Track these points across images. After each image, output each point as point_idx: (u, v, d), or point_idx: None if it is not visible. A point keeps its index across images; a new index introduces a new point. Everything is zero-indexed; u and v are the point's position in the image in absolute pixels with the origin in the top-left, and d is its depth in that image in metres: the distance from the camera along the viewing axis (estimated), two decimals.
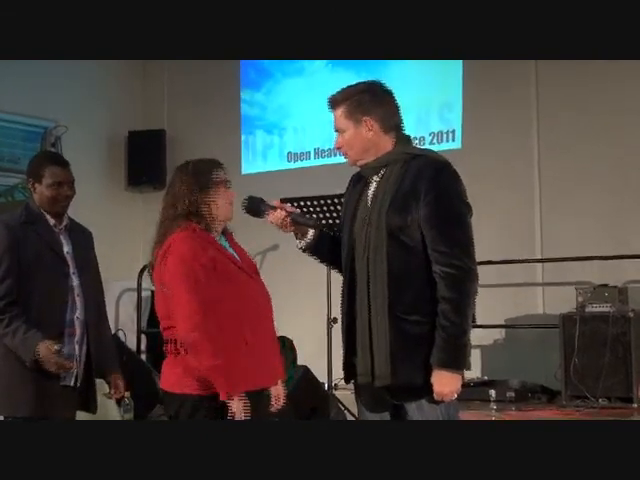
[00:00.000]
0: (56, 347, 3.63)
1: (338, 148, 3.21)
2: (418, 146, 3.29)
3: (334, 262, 3.39)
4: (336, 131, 3.19)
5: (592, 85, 6.67)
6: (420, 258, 3.00)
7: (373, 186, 3.16)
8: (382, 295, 3.02)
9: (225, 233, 3.49)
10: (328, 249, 3.34)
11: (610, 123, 6.60)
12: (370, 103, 3.13)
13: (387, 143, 3.14)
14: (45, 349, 3.64)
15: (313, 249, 3.31)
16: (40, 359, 3.65)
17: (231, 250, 3.44)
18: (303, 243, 3.29)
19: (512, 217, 6.92)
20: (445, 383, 2.95)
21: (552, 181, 6.85)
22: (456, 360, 2.97)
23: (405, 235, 3.01)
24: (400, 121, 3.20)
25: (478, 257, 3.05)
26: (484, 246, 3.10)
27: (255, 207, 3.31)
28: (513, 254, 6.60)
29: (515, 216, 6.93)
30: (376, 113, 3.12)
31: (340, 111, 3.15)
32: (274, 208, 3.25)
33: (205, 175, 3.37)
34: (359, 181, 3.24)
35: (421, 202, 2.99)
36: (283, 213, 3.23)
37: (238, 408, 3.13)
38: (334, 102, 3.18)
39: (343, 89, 3.19)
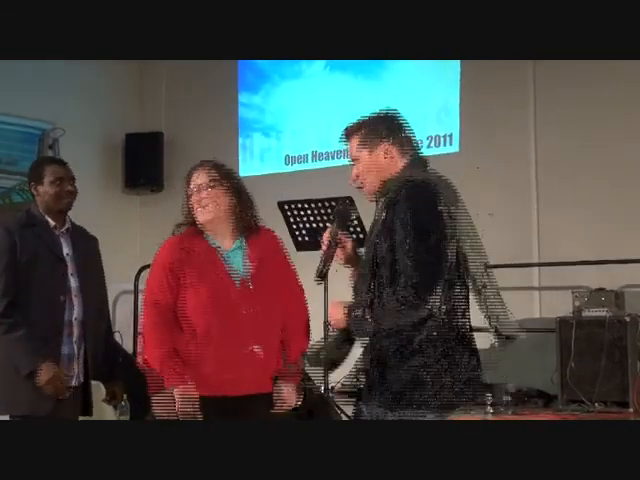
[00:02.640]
0: (55, 369, 3.68)
1: (354, 180, 3.19)
2: (426, 169, 3.26)
3: None
4: (351, 161, 3.17)
5: (592, 89, 6.67)
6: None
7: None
8: None
9: (249, 234, 3.48)
10: None
11: (609, 128, 6.60)
12: (386, 130, 3.13)
13: (398, 169, 3.14)
14: (50, 371, 3.68)
15: None
16: (42, 377, 3.68)
17: (231, 255, 3.42)
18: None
19: (509, 221, 6.92)
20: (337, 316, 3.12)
21: (549, 185, 6.86)
22: (355, 322, 3.05)
23: (392, 260, 3.05)
24: (416, 147, 3.21)
25: None
26: None
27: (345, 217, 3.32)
28: (510, 258, 6.60)
29: (512, 220, 6.93)
30: (391, 140, 3.13)
31: (355, 140, 3.15)
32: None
33: (185, 186, 3.44)
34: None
35: (393, 231, 3.04)
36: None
37: (182, 395, 3.26)
38: (349, 132, 3.18)
39: (358, 120, 3.21)
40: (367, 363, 3.14)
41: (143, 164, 8.70)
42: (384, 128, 3.12)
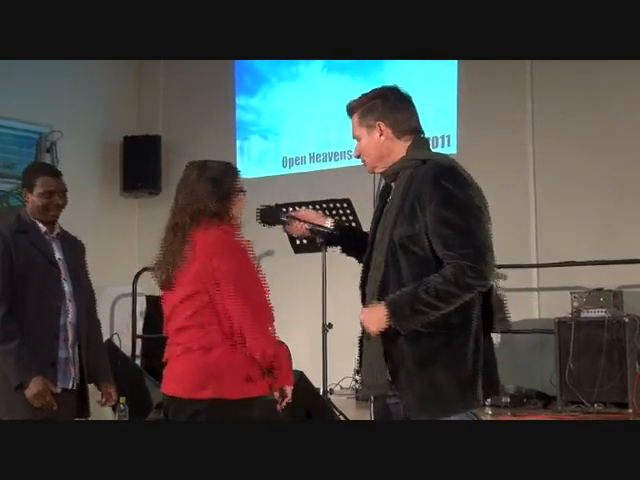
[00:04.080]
0: (43, 384, 3.68)
1: (357, 157, 3.18)
2: (431, 150, 3.24)
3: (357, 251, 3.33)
4: (354, 139, 3.16)
5: (588, 90, 6.68)
6: (431, 266, 2.94)
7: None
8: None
9: None
10: (351, 242, 3.34)
11: (606, 128, 6.61)
12: (382, 108, 3.08)
13: (402, 148, 3.09)
14: (38, 385, 3.67)
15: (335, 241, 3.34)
16: (30, 391, 3.68)
17: None
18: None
19: (508, 222, 6.91)
20: (374, 320, 2.94)
21: (547, 186, 6.86)
22: (401, 315, 2.90)
23: (415, 244, 2.95)
24: (416, 124, 3.14)
25: None
26: None
27: (271, 219, 3.31)
28: (509, 259, 6.60)
29: (511, 221, 6.93)
30: (388, 118, 3.08)
31: (355, 118, 3.13)
32: (293, 219, 3.26)
33: (228, 182, 3.37)
34: (386, 188, 3.20)
35: (426, 210, 2.93)
36: (304, 227, 3.25)
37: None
38: (350, 110, 3.15)
39: (359, 96, 3.15)
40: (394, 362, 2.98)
41: (141, 167, 8.70)
42: (380, 107, 3.10)
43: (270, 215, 3.32)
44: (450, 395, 2.94)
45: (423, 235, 2.94)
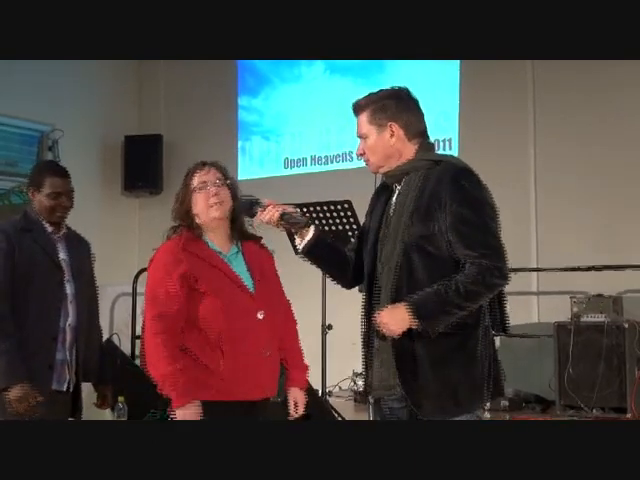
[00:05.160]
0: (25, 391, 3.67)
1: (360, 155, 3.14)
2: (439, 152, 3.24)
3: (330, 268, 3.35)
4: (359, 137, 3.13)
5: (589, 90, 6.68)
6: (447, 266, 2.95)
7: (396, 195, 3.10)
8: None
9: (243, 239, 3.44)
10: (326, 255, 3.29)
11: (606, 128, 6.61)
12: (395, 108, 3.08)
13: (410, 150, 3.08)
14: (20, 391, 3.66)
15: (309, 253, 3.26)
16: (12, 394, 3.67)
17: (232, 260, 3.38)
18: (300, 246, 3.27)
19: (508, 226, 6.87)
20: (399, 321, 2.90)
21: (548, 190, 6.86)
22: (428, 316, 2.88)
23: (430, 244, 2.95)
24: (424, 128, 3.14)
25: None
26: None
27: (246, 208, 3.31)
28: (509, 262, 6.59)
29: (511, 225, 6.87)
30: (400, 119, 3.07)
31: (364, 116, 3.10)
32: (264, 207, 3.23)
33: (184, 184, 3.37)
34: (385, 190, 3.19)
35: (446, 210, 2.93)
36: (276, 213, 3.20)
37: (182, 417, 3.15)
38: (358, 107, 3.12)
39: (368, 94, 3.14)
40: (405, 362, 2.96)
41: (142, 167, 8.70)
42: (393, 106, 3.08)
43: (245, 205, 3.33)
44: (464, 395, 2.96)
45: (440, 235, 2.95)
